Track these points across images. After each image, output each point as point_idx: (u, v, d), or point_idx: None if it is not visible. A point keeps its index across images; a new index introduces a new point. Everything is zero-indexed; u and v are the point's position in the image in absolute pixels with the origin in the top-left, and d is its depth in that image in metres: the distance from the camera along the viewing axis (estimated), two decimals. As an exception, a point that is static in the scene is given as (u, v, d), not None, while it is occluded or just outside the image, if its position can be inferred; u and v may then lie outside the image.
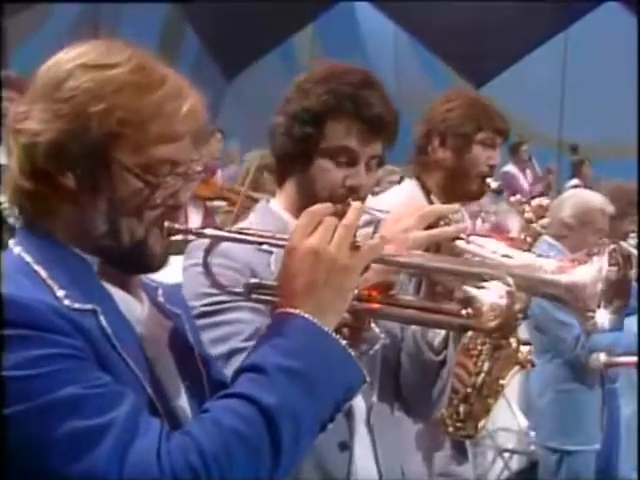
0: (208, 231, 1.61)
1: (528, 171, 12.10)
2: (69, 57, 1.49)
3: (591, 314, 1.51)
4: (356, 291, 1.52)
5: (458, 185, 3.19)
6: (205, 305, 2.04)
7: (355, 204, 1.53)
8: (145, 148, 1.46)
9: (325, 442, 2.02)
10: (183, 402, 1.55)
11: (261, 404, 1.35)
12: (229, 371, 1.55)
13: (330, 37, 14.18)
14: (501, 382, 3.22)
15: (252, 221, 2.20)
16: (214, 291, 1.98)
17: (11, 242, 1.51)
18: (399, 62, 15.35)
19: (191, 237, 1.66)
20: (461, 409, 3.15)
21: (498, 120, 3.23)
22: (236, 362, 1.68)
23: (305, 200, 2.09)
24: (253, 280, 1.60)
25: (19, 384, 1.30)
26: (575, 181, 11.11)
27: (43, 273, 1.42)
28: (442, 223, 1.92)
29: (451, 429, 3.14)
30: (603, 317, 1.47)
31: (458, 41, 13.98)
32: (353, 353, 1.46)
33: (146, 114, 1.45)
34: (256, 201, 2.72)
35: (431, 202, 3.16)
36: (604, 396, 4.44)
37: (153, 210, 1.49)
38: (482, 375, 3.17)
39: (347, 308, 1.49)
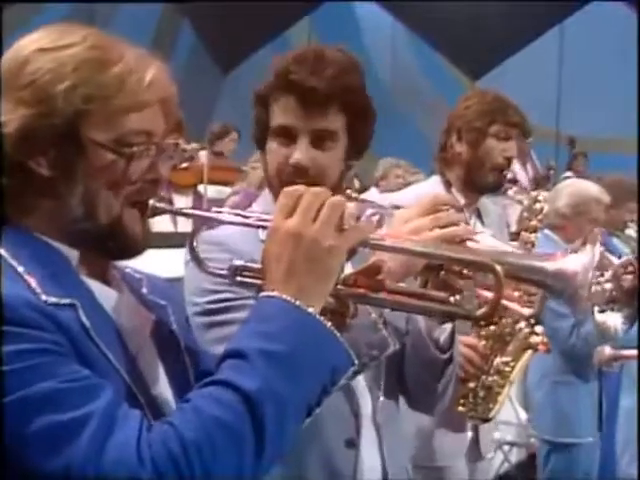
0: (191, 211, 1.56)
1: (529, 166, 12.06)
2: (24, 44, 1.46)
3: (582, 303, 1.47)
4: (342, 275, 1.46)
5: (475, 177, 3.34)
6: (210, 302, 2.00)
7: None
8: (114, 121, 1.44)
9: (332, 440, 2.01)
10: (167, 394, 1.51)
11: (242, 390, 1.30)
12: None
13: (327, 30, 14.14)
14: (512, 365, 3.18)
15: (254, 207, 2.19)
16: (220, 288, 1.95)
17: None
18: (396, 55, 15.33)
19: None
20: (471, 391, 3.14)
21: (512, 114, 3.34)
22: None
23: (268, 179, 2.15)
24: (238, 262, 1.54)
25: None
26: (569, 174, 11.09)
27: (20, 268, 1.38)
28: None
29: (461, 408, 3.13)
30: (616, 321, 1.44)
31: (456, 33, 13.96)
32: (340, 336, 1.40)
33: (110, 88, 1.43)
34: None
35: (452, 196, 3.24)
36: (600, 388, 4.42)
37: (131, 185, 1.47)
38: (493, 357, 3.15)
39: (331, 292, 1.44)
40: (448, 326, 2.09)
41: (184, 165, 5.41)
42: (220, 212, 1.54)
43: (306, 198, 1.43)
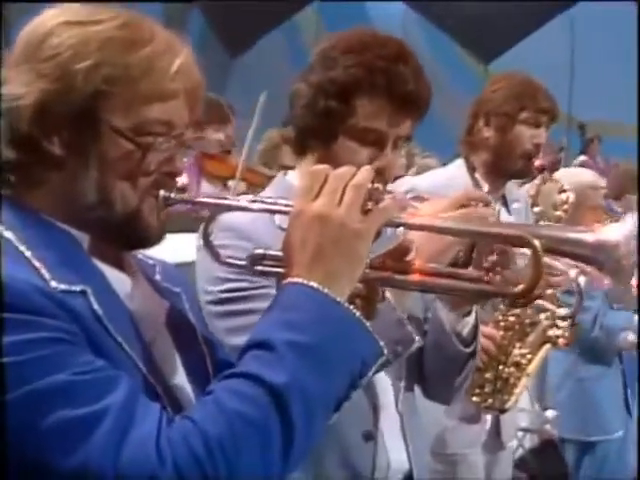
0: (206, 199, 1.49)
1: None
2: (50, 16, 1.39)
3: (626, 274, 1.39)
4: (368, 259, 1.39)
5: (502, 164, 3.27)
6: (224, 291, 1.93)
7: (365, 167, 1.40)
8: (135, 108, 1.37)
9: (349, 432, 1.95)
10: (183, 383, 1.45)
11: (268, 384, 1.23)
12: None
13: (336, 15, 14.03)
14: (530, 358, 3.12)
15: (264, 194, 2.09)
16: (234, 276, 1.88)
17: None
18: (407, 40, 15.18)
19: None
20: (487, 382, 3.09)
21: (542, 99, 3.28)
22: None
23: None
24: (257, 250, 1.47)
25: (3, 372, 1.19)
26: (583, 157, 11.03)
27: (28, 252, 1.31)
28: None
29: (476, 399, 3.09)
30: None
31: (466, 19, 13.85)
32: (369, 326, 1.33)
33: (135, 71, 1.36)
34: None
35: (475, 181, 3.25)
36: (624, 377, 4.35)
37: (147, 176, 1.39)
38: (511, 349, 3.10)
39: (360, 277, 1.36)
40: (471, 318, 2.03)
41: (219, 154, 5.35)
42: (239, 200, 1.47)
43: (331, 179, 1.36)
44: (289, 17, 14.47)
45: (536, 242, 1.35)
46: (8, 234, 1.34)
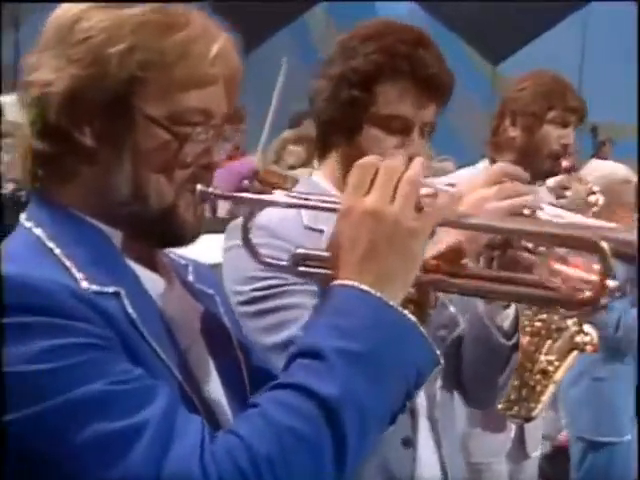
0: (246, 195, 1.39)
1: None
2: None
3: None
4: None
5: (529, 164, 3.11)
6: (255, 290, 1.85)
7: (418, 158, 1.31)
8: (171, 95, 1.27)
9: (387, 439, 1.85)
10: (219, 395, 1.35)
11: (320, 396, 1.13)
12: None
13: (345, 14, 13.97)
14: (557, 365, 3.04)
15: (299, 188, 2.02)
16: (265, 274, 1.81)
17: (22, 216, 1.30)
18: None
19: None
20: (512, 389, 3.02)
21: (571, 98, 3.21)
22: None
23: None
24: (300, 250, 1.36)
25: (34, 380, 1.10)
26: (595, 160, 10.94)
27: (57, 250, 1.22)
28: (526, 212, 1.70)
29: (501, 407, 3.02)
30: None
31: (475, 18, 13.76)
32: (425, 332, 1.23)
33: (171, 55, 1.26)
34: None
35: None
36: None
37: (184, 169, 1.30)
38: (537, 355, 3.01)
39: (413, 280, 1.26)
40: (511, 310, 1.94)
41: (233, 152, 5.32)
42: (279, 196, 1.38)
43: (383, 173, 1.25)
44: (298, 17, 14.40)
45: (604, 245, 1.24)
46: (37, 231, 1.25)
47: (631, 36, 13.06)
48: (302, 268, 1.36)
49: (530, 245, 1.61)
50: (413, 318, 1.22)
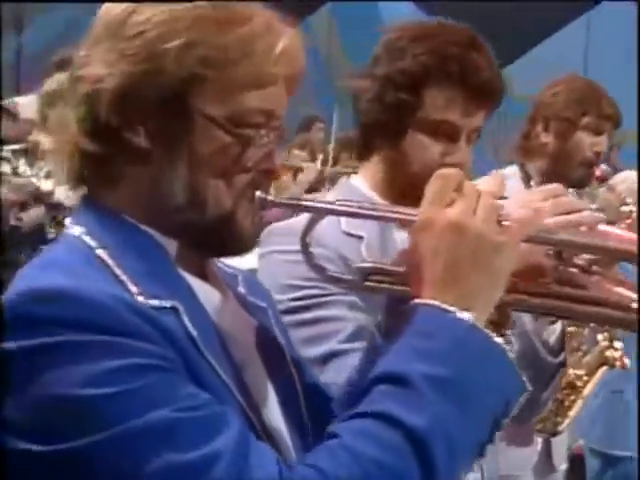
0: (311, 203, 1.30)
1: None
2: None
3: None
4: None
5: (561, 171, 3.09)
6: (295, 299, 1.76)
7: (499, 172, 1.22)
8: (233, 94, 1.18)
9: None
10: (277, 417, 1.25)
11: (408, 426, 1.04)
12: (325, 377, 1.30)
13: (348, 16, 13.91)
14: (586, 380, 2.95)
15: (331, 196, 1.93)
16: (304, 283, 1.72)
17: (67, 221, 1.20)
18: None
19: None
20: None
21: (605, 105, 3.12)
22: (334, 366, 1.39)
23: (395, 178, 1.85)
24: (367, 264, 1.27)
25: (91, 406, 1.00)
26: (604, 166, 10.87)
27: (110, 261, 1.12)
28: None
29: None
30: None
31: (478, 22, 13.70)
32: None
33: (233, 52, 1.17)
34: None
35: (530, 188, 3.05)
36: None
37: (244, 175, 1.20)
38: (566, 370, 2.92)
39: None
40: (557, 326, 1.86)
41: None
42: (343, 205, 1.28)
43: (467, 185, 1.17)
44: (303, 18, 14.34)
45: None
46: (87, 238, 1.15)
47: (631, 36, 13.05)
48: (370, 284, 1.27)
49: (583, 263, 1.51)
50: (501, 342, 1.13)
